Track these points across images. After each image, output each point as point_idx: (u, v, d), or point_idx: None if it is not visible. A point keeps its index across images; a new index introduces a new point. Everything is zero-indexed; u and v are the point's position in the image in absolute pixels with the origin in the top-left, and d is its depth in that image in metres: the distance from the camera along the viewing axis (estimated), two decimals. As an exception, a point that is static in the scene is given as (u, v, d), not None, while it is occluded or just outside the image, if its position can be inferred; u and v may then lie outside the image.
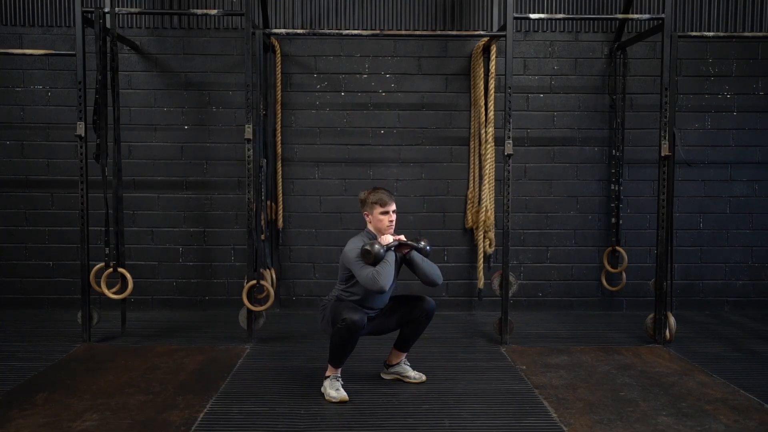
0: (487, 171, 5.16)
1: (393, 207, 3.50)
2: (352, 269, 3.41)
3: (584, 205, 5.54)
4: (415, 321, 3.60)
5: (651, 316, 4.58)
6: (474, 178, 5.43)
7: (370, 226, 3.55)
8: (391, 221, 3.49)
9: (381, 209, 3.47)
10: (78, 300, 4.64)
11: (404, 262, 3.58)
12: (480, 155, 5.33)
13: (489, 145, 5.14)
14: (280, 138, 5.39)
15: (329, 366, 3.49)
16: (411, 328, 3.63)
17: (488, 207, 5.21)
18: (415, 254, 3.53)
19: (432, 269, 3.53)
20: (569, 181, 5.53)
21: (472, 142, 5.43)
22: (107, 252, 4.56)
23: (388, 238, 3.45)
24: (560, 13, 5.43)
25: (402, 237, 3.50)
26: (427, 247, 3.54)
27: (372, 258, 3.31)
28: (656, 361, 4.13)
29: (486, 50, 5.26)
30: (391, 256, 3.38)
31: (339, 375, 3.48)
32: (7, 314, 5.27)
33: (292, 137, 5.47)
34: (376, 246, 3.32)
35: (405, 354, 3.75)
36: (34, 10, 5.38)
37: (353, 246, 3.44)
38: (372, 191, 3.53)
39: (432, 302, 3.61)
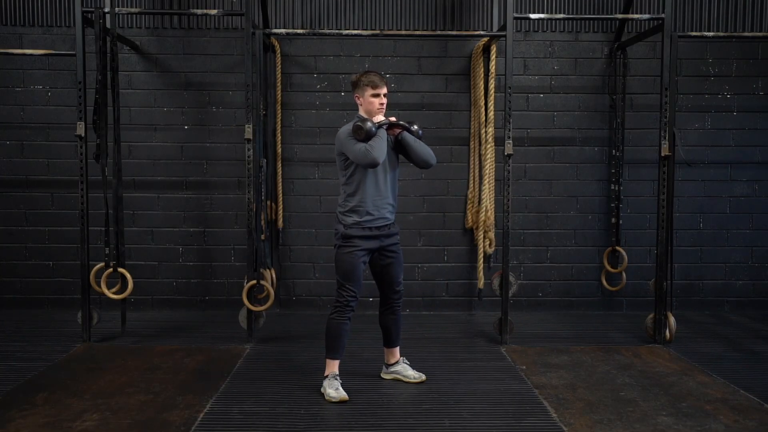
0: (487, 171, 5.16)
1: (384, 90, 3.51)
2: (345, 149, 3.42)
3: (584, 205, 5.54)
4: (390, 306, 3.64)
5: (651, 316, 4.58)
6: (474, 178, 5.43)
7: (361, 110, 3.55)
8: (382, 104, 3.50)
9: (372, 91, 3.47)
10: (78, 300, 4.64)
11: (397, 145, 3.58)
12: (480, 155, 5.33)
13: (489, 145, 5.14)
14: (280, 138, 5.39)
15: (327, 362, 3.51)
16: (387, 315, 3.67)
17: (488, 207, 5.21)
18: (407, 135, 3.54)
19: (425, 149, 3.56)
20: (569, 181, 5.53)
21: (472, 142, 5.43)
22: (107, 252, 4.56)
23: (379, 118, 3.48)
24: (560, 13, 5.43)
25: (393, 118, 3.53)
26: (420, 131, 3.57)
27: (364, 134, 3.34)
28: (656, 361, 4.13)
29: (486, 50, 5.26)
30: (382, 133, 3.40)
31: (337, 374, 3.49)
32: (7, 314, 5.26)
33: (292, 137, 5.47)
34: (368, 123, 3.35)
35: (396, 348, 3.75)
36: (34, 10, 5.38)
37: (346, 128, 3.47)
38: (364, 74, 3.54)
39: (401, 285, 3.65)
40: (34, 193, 5.44)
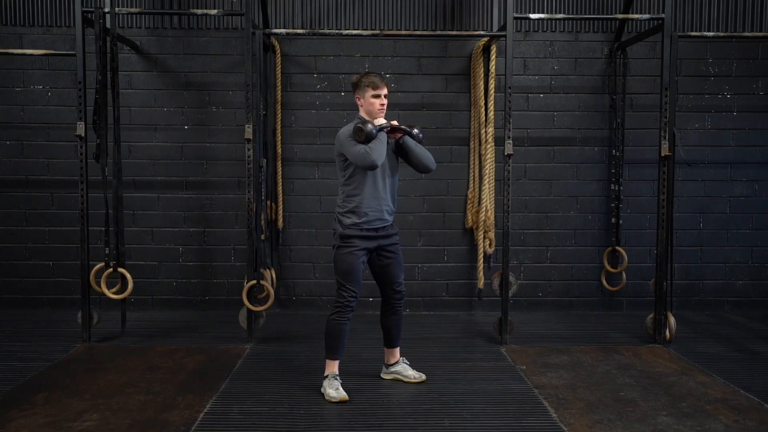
0: (487, 171, 5.16)
1: (385, 91, 3.50)
2: (344, 150, 3.42)
3: (584, 205, 5.54)
4: (391, 307, 3.65)
5: (651, 316, 4.58)
6: (474, 178, 5.43)
7: (361, 111, 3.54)
8: (383, 105, 3.49)
9: (373, 92, 3.47)
10: (78, 300, 4.64)
11: (398, 149, 3.59)
12: (480, 155, 5.33)
13: (489, 145, 5.14)
14: (280, 138, 5.39)
15: (327, 362, 3.51)
16: (388, 316, 3.68)
17: (488, 207, 5.21)
18: (408, 139, 3.54)
19: (425, 153, 3.56)
20: (569, 181, 5.53)
21: (472, 142, 5.43)
22: (107, 252, 4.56)
23: (380, 120, 3.47)
24: (560, 13, 5.43)
25: (394, 122, 3.53)
26: (420, 135, 3.56)
27: (364, 136, 3.33)
28: (656, 361, 4.13)
29: (486, 50, 5.26)
30: (383, 136, 3.40)
31: (338, 374, 3.49)
32: (7, 314, 5.26)
33: (292, 137, 5.47)
34: (369, 125, 3.35)
35: (397, 349, 3.76)
36: (34, 10, 5.38)
37: (346, 129, 3.48)
38: (364, 75, 3.53)
39: (404, 289, 3.68)
40: (34, 193, 5.44)
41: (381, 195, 3.51)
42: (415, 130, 3.56)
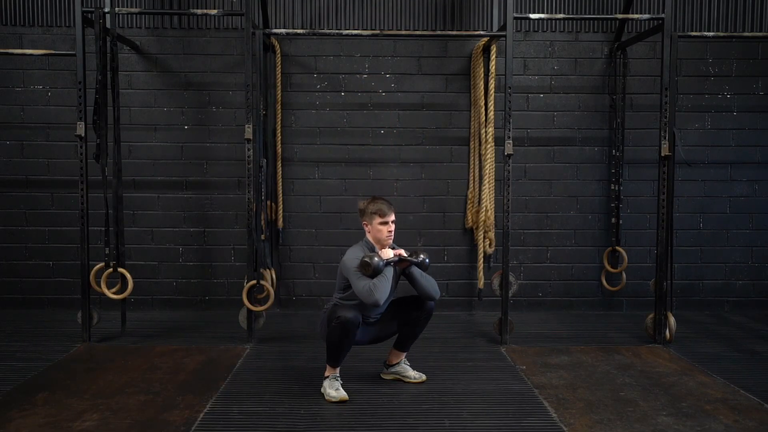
0: (487, 171, 5.16)
1: (392, 217, 3.49)
2: (349, 279, 3.40)
3: (584, 205, 5.54)
4: (415, 321, 3.61)
5: (651, 316, 4.58)
6: (474, 178, 5.44)
7: (368, 236, 3.53)
8: (390, 231, 3.47)
9: (380, 219, 3.46)
10: (78, 300, 4.64)
11: (403, 275, 3.56)
12: (480, 155, 5.33)
13: (489, 145, 5.14)
14: (280, 138, 5.39)
15: (327, 366, 3.50)
16: (410, 327, 3.64)
17: (488, 207, 5.21)
18: (414, 269, 3.51)
19: (430, 284, 3.52)
20: (569, 181, 5.53)
21: (472, 142, 5.43)
22: (107, 252, 4.56)
23: (388, 253, 3.43)
24: (560, 13, 5.43)
25: (402, 252, 3.48)
26: (426, 261, 3.53)
27: (371, 270, 3.30)
28: (656, 361, 4.13)
29: (486, 50, 5.26)
30: (389, 271, 3.38)
31: (338, 375, 3.49)
32: (7, 314, 5.26)
33: (292, 137, 5.47)
34: (376, 259, 3.31)
35: (404, 353, 3.75)
36: (34, 10, 5.38)
37: (352, 256, 3.43)
38: (371, 201, 3.51)
39: (431, 302, 3.61)
40: (34, 193, 5.44)
41: (374, 311, 3.54)
42: (421, 257, 3.51)
